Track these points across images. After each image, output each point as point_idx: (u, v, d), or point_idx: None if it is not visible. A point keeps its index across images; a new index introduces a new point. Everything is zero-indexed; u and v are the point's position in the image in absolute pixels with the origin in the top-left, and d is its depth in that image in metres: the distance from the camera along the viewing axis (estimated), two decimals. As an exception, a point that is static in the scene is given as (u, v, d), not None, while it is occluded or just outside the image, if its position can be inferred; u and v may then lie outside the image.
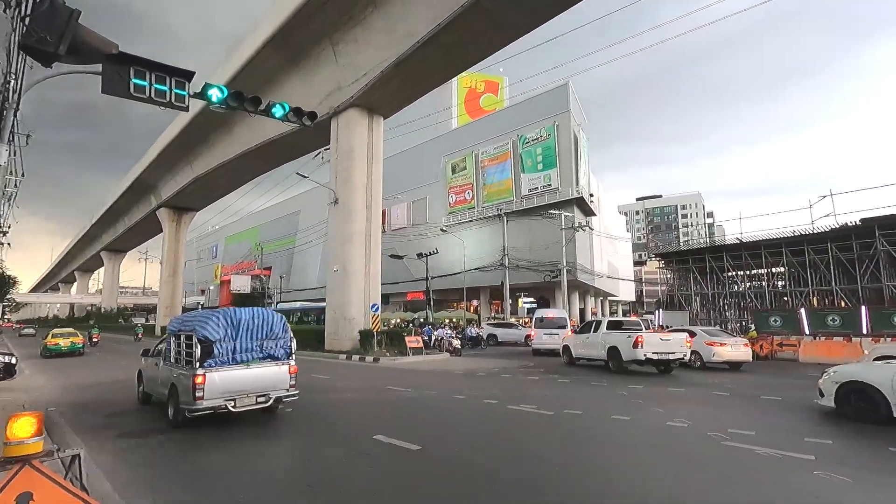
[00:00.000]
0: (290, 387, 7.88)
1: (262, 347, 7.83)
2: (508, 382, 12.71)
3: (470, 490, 4.63)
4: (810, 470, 5.13)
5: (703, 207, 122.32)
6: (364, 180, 23.10)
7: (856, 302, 25.39)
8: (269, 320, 7.99)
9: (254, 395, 7.45)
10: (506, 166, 47.64)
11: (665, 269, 40.47)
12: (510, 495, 4.49)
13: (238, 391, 7.30)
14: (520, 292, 47.04)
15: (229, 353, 7.44)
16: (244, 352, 7.61)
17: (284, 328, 8.21)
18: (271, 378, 7.69)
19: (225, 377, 7.21)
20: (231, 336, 7.53)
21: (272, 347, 7.95)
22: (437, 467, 5.45)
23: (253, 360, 7.65)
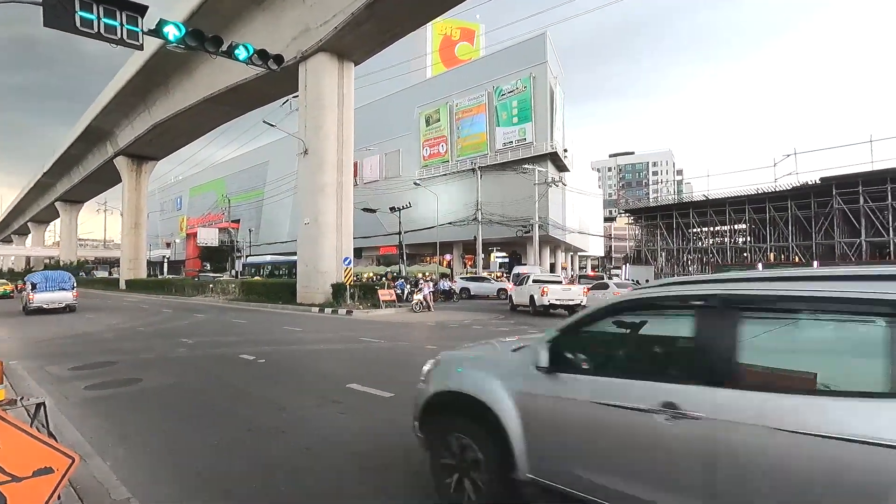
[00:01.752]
0: (74, 298, 20.29)
1: (58, 285, 19.84)
2: (480, 333, 13.04)
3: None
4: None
5: (674, 165, 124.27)
6: (335, 130, 22.38)
7: (809, 258, 26.74)
8: (61, 275, 20.50)
9: (56, 304, 19.55)
10: (481, 119, 46.86)
11: (634, 225, 41.50)
12: (479, 437, 4.71)
13: (48, 301, 19.39)
14: (492, 247, 47.56)
15: (44, 287, 19.47)
16: (49, 287, 19.59)
17: (70, 279, 20.54)
18: (63, 296, 19.80)
19: (42, 296, 19.28)
20: (43, 281, 19.72)
21: (63, 285, 19.99)
22: (408, 412, 5.62)
23: (52, 289, 19.64)
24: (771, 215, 29.10)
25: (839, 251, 26.40)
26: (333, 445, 4.57)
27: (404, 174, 51.34)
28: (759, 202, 29.61)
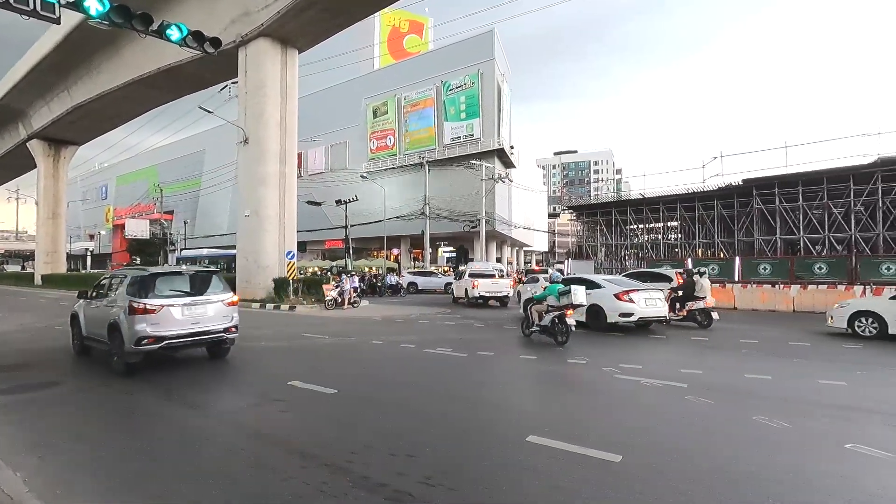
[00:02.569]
0: None
1: None
2: (426, 328, 13.08)
3: (382, 424, 4.80)
4: (682, 396, 5.92)
5: (614, 164, 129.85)
6: (277, 118, 21.55)
7: (732, 253, 28.78)
8: None
9: None
10: (429, 113, 46.76)
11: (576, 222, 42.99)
12: (420, 428, 4.72)
13: None
14: (440, 241, 47.72)
15: None
16: None
17: None
18: None
19: None
20: None
21: None
22: (353, 408, 5.56)
23: None
24: (699, 214, 31.06)
25: (757, 247, 28.63)
26: (273, 445, 4.43)
27: (351, 167, 50.36)
28: (689, 201, 31.51)
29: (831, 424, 4.95)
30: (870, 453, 4.05)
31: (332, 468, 3.82)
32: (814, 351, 9.31)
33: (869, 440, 4.33)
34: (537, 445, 4.23)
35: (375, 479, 3.60)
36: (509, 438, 4.47)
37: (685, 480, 3.54)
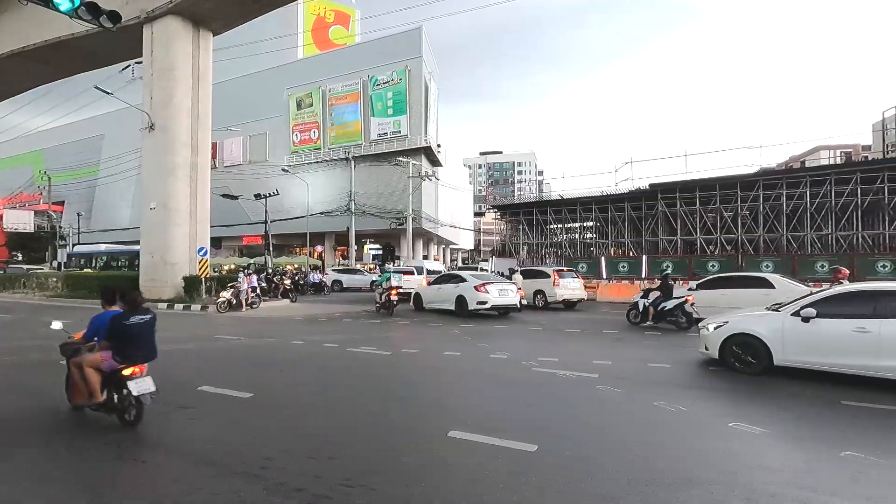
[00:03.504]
0: None
1: None
2: (350, 326, 12.83)
3: (300, 427, 4.64)
4: (594, 385, 6.31)
5: (536, 166, 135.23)
6: (188, 105, 20.03)
7: (640, 252, 31.14)
8: None
9: None
10: (355, 108, 45.87)
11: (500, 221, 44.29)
12: (341, 429, 4.62)
13: None
14: (366, 238, 47.02)
15: None
16: None
17: None
18: None
19: None
20: None
21: None
22: (269, 412, 5.32)
23: None
24: (612, 215, 33.32)
25: (661, 247, 31.26)
26: (178, 455, 4.12)
27: (272, 159, 48.14)
28: (603, 203, 33.70)
29: (719, 406, 5.51)
30: (750, 430, 4.56)
31: (245, 476, 3.62)
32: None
33: (750, 419, 4.87)
34: (459, 440, 4.29)
35: (292, 483, 3.46)
36: (432, 434, 4.50)
37: (593, 464, 3.77)
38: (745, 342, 7.09)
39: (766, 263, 21.05)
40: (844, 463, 3.82)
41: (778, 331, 6.86)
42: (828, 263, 19.99)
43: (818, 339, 6.54)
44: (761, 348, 6.92)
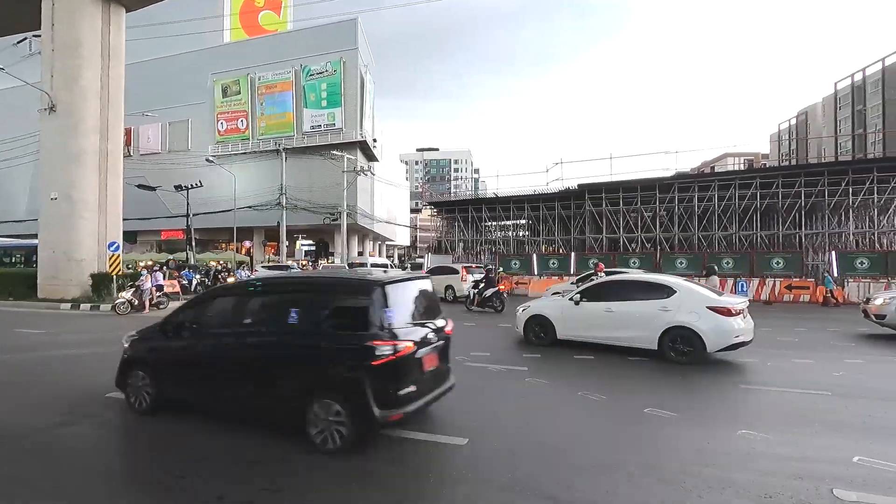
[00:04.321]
0: None
1: None
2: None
3: (224, 434, 4.40)
4: (524, 378, 6.52)
5: (472, 163, 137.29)
6: (97, 86, 18.30)
7: (569, 249, 32.54)
8: None
9: None
10: (287, 97, 44.13)
11: (436, 217, 44.52)
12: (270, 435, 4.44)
13: None
14: (298, 234, 45.43)
15: None
16: None
17: None
18: None
19: None
20: None
21: None
22: (189, 418, 4.99)
23: None
24: (543, 213, 34.51)
25: (588, 245, 32.86)
26: (80, 471, 3.76)
27: (195, 148, 45.23)
28: (535, 202, 34.81)
29: (634, 394, 5.89)
30: (662, 415, 4.92)
31: (157, 488, 3.38)
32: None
33: (663, 404, 5.25)
34: (390, 437, 4.27)
35: (213, 491, 3.28)
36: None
37: (521, 454, 3.90)
38: (540, 321, 9.05)
39: (680, 261, 22.81)
40: (740, 441, 4.23)
41: (559, 312, 8.90)
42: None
43: (584, 317, 8.56)
44: (549, 326, 8.92)
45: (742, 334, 7.46)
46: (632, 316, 8.04)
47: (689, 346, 7.48)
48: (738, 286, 20.38)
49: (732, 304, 7.58)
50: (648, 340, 7.83)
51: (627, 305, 8.15)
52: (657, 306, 7.87)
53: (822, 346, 9.10)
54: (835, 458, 3.85)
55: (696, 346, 7.43)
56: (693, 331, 7.46)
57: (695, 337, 7.45)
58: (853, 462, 3.75)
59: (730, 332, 7.37)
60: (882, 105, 54.38)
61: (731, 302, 7.70)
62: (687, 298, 7.83)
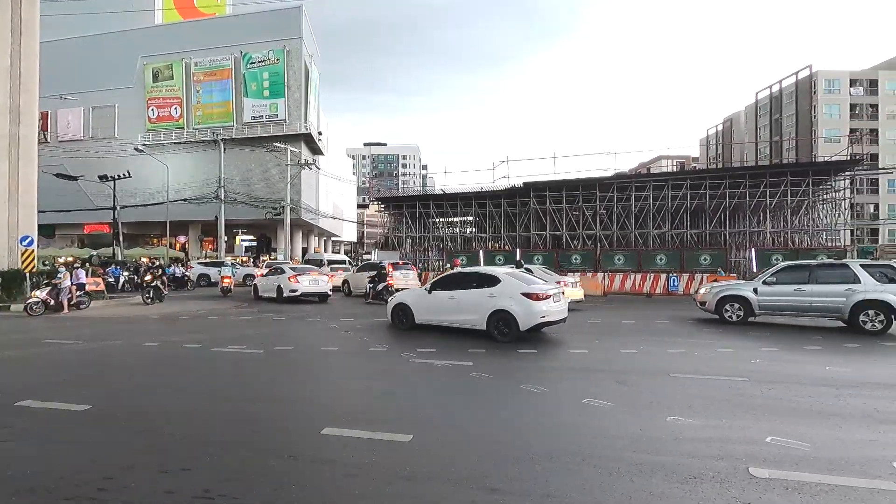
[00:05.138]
0: None
1: None
2: (217, 324, 11.80)
3: (150, 439, 4.14)
4: (468, 373, 6.59)
5: (420, 159, 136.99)
6: (6, 63, 16.64)
7: (514, 246, 33.24)
8: None
9: None
10: (226, 86, 42.09)
11: (384, 213, 44.02)
12: (200, 437, 4.22)
13: None
14: (238, 229, 43.58)
15: None
16: None
17: None
18: None
19: None
20: None
21: None
22: (111, 425, 4.66)
23: None
24: (490, 210, 35.04)
25: (532, 241, 33.75)
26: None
27: (122, 136, 42.22)
28: (482, 199, 35.29)
29: (574, 385, 6.11)
30: (599, 405, 5.13)
31: (76, 500, 3.12)
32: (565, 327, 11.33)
33: (600, 395, 5.48)
34: (333, 436, 4.18)
35: (137, 503, 3.07)
36: (304, 434, 4.32)
37: (464, 447, 3.94)
38: (401, 309, 10.65)
39: (618, 257, 23.89)
40: (670, 426, 4.49)
41: (417, 301, 10.50)
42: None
43: (434, 304, 10.12)
44: (409, 311, 10.49)
45: (548, 315, 9.07)
46: (468, 302, 9.60)
47: (507, 326, 8.99)
48: (670, 281, 21.64)
49: (542, 291, 9.11)
50: (480, 322, 9.33)
51: (465, 293, 9.74)
52: (486, 294, 9.41)
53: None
54: (751, 438, 4.17)
55: (512, 326, 8.94)
56: (510, 313, 8.96)
57: (511, 318, 8.95)
58: (766, 442, 4.08)
59: (537, 314, 8.91)
60: (795, 115, 59.45)
61: (542, 289, 9.22)
62: (508, 287, 9.31)
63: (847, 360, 7.51)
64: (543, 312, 8.95)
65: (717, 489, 3.22)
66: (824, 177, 30.79)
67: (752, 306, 11.45)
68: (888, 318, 10.00)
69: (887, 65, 59.78)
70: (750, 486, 3.26)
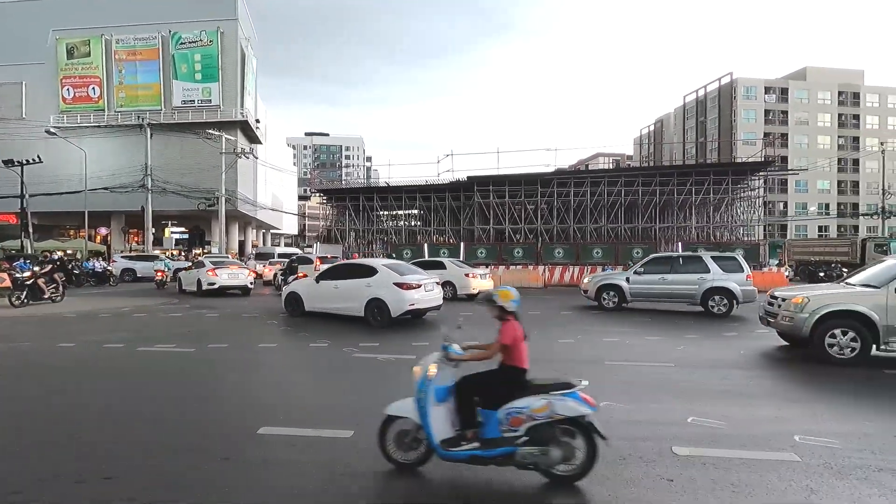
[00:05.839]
0: None
1: None
2: (144, 322, 11.06)
3: (65, 448, 3.82)
4: (413, 366, 6.58)
5: (364, 151, 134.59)
6: None
7: (458, 239, 33.57)
8: None
9: None
10: (153, 66, 39.30)
11: (326, 205, 43.00)
12: (123, 443, 3.95)
13: None
14: (167, 220, 40.91)
15: None
16: None
17: None
18: None
19: None
20: None
21: None
22: (16, 436, 4.25)
23: None
24: (435, 204, 35.15)
25: (476, 235, 34.23)
26: None
27: (31, 116, 38.35)
28: (427, 192, 35.32)
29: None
30: (537, 393, 5.29)
31: None
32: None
33: (538, 383, 5.66)
34: (270, 436, 4.05)
35: None
36: (238, 435, 4.15)
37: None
38: (293, 298, 11.43)
39: (558, 250, 24.72)
40: (604, 411, 4.67)
41: (306, 290, 11.29)
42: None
43: (321, 293, 10.98)
44: (300, 300, 11.31)
45: (418, 303, 10.06)
46: (349, 291, 10.44)
47: (381, 313, 9.89)
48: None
49: (413, 281, 10.11)
50: (358, 310, 10.18)
51: (347, 283, 10.56)
52: (364, 283, 10.27)
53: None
54: (675, 420, 4.48)
55: (385, 312, 9.85)
56: (383, 301, 9.88)
57: (384, 305, 9.87)
58: (688, 422, 4.39)
59: (406, 301, 9.85)
60: (718, 118, 63.98)
61: (413, 279, 10.20)
62: (383, 277, 10.15)
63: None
64: (413, 300, 9.88)
65: (643, 469, 3.43)
66: (742, 176, 33.42)
67: (625, 294, 12.83)
68: (731, 302, 11.70)
69: (797, 75, 65.66)
70: (673, 464, 3.50)
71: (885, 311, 6.51)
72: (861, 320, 6.59)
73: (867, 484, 3.22)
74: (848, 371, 6.35)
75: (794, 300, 7.12)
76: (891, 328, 6.48)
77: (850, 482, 3.25)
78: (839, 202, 62.64)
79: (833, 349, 6.69)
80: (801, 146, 62.12)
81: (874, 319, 6.52)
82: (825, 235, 58.10)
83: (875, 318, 6.52)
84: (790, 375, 6.45)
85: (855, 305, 6.66)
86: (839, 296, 7.00)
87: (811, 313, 6.80)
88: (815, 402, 5.21)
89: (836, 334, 6.68)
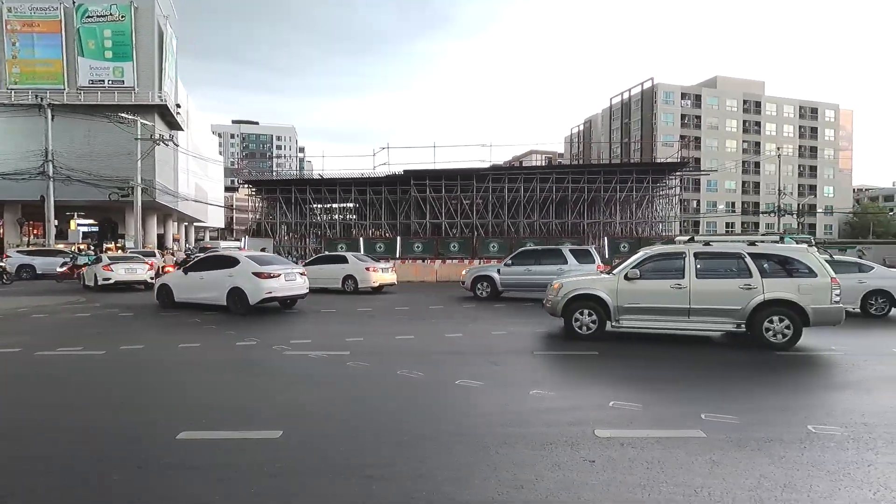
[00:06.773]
0: None
1: None
2: (43, 325, 10.02)
3: None
4: (345, 362, 6.48)
5: (297, 141, 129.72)
6: None
7: (395, 233, 33.33)
8: None
9: None
10: (54, 40, 35.50)
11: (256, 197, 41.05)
12: (16, 460, 3.56)
13: None
14: (74, 212, 37.20)
15: None
16: None
17: None
18: None
19: None
20: None
21: None
22: None
23: None
24: (370, 197, 34.62)
25: (413, 229, 34.17)
26: None
27: None
28: (363, 185, 34.70)
29: (450, 368, 6.35)
30: (472, 385, 5.40)
31: None
32: (444, 312, 11.79)
33: (473, 376, 5.77)
34: (192, 441, 3.82)
35: None
36: (156, 440, 3.87)
37: (337, 438, 3.87)
38: (164, 290, 12.03)
39: (492, 244, 25.26)
40: (532, 400, 4.90)
41: (176, 281, 12.02)
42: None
43: (188, 284, 11.60)
44: (170, 291, 11.90)
45: (276, 292, 10.86)
46: (213, 281, 11.07)
47: (241, 301, 10.64)
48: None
49: (272, 271, 10.92)
50: (221, 299, 10.83)
51: (211, 274, 11.24)
52: (226, 274, 10.96)
53: None
54: (598, 405, 4.74)
55: (244, 300, 10.62)
56: (243, 290, 10.64)
57: (243, 294, 10.61)
58: (609, 406, 4.66)
59: (263, 290, 10.64)
60: (641, 120, 68.11)
61: (272, 269, 11.01)
62: (243, 268, 10.87)
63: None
64: (270, 289, 10.69)
65: (568, 452, 3.60)
66: (661, 176, 35.83)
67: (497, 284, 13.86)
68: None
69: (709, 82, 71.32)
70: (595, 446, 3.70)
71: (615, 294, 7.65)
72: (598, 301, 7.70)
73: (760, 454, 3.59)
74: (742, 354, 7.03)
75: (554, 286, 8.24)
76: (620, 308, 7.64)
77: (747, 453, 3.60)
78: (743, 201, 69.04)
79: (577, 324, 7.80)
80: (712, 149, 67.72)
81: (607, 301, 7.66)
82: (731, 231, 63.81)
83: (608, 300, 7.66)
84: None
85: (593, 290, 7.77)
86: (584, 282, 8.17)
87: (563, 297, 7.89)
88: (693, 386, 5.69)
89: (581, 314, 7.77)
